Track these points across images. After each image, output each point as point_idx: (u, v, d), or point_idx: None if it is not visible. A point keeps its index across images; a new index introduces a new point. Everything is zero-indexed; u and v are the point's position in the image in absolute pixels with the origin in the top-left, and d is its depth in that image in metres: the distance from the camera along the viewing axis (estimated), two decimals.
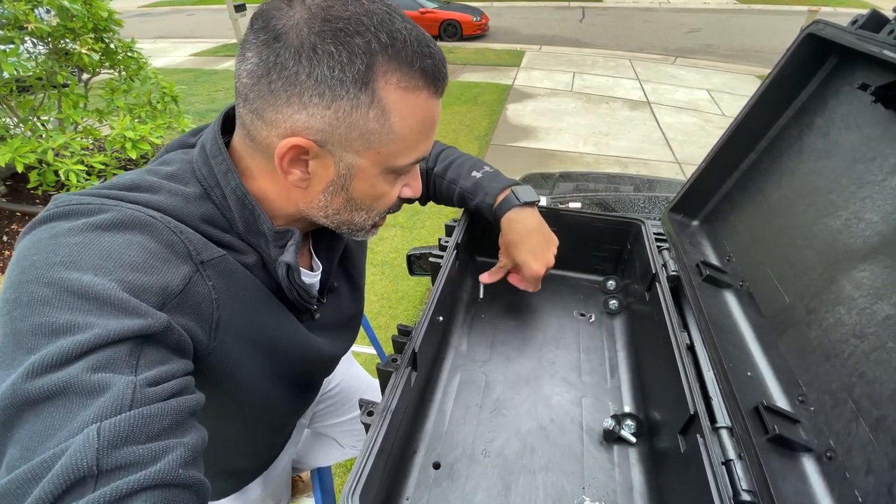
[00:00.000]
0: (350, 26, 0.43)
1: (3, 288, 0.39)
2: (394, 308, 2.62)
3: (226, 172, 0.51)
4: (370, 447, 0.51)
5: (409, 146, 0.51)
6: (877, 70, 0.65)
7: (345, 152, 0.48)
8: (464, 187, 0.85)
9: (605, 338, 0.92)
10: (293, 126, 0.46)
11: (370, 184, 0.52)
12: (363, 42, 0.43)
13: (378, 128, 0.47)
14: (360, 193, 0.53)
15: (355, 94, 0.45)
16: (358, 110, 0.46)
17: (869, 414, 0.51)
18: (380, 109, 0.46)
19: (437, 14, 9.80)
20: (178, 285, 0.44)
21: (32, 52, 2.91)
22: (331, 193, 0.52)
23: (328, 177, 0.50)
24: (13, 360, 0.35)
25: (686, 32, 10.50)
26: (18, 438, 0.33)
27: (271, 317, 0.57)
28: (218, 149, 0.52)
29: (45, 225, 0.43)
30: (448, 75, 0.52)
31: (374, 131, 0.47)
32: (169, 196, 0.49)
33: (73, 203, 0.44)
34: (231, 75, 7.39)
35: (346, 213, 0.55)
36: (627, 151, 4.79)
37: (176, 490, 0.34)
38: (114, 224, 0.43)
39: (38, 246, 0.40)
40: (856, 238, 0.63)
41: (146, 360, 0.38)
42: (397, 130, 0.48)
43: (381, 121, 0.47)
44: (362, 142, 0.48)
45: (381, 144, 0.49)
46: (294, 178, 0.50)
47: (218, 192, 0.51)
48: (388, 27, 0.44)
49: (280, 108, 0.45)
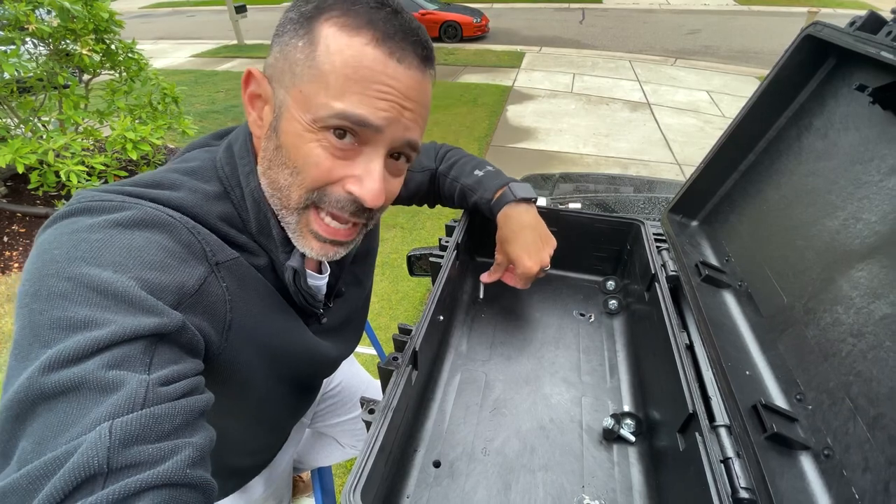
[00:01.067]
0: None
1: (23, 280, 0.39)
2: (394, 309, 2.63)
3: (248, 174, 0.52)
4: (371, 445, 0.52)
5: (330, 88, 0.45)
6: (875, 71, 0.65)
7: (279, 88, 0.49)
8: (465, 184, 0.85)
9: (604, 338, 0.92)
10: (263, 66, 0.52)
11: (295, 131, 0.48)
12: None
13: (302, 58, 0.46)
14: (286, 140, 0.48)
15: (296, 30, 0.47)
16: (293, 41, 0.47)
17: (866, 412, 0.52)
18: (308, 40, 0.46)
19: (437, 15, 9.82)
20: (194, 285, 0.44)
21: (33, 53, 2.91)
22: (268, 138, 0.51)
23: (269, 118, 0.51)
24: (29, 352, 0.35)
25: (686, 34, 10.52)
26: (31, 432, 0.33)
27: (280, 320, 0.58)
28: (246, 150, 0.53)
29: (66, 220, 0.43)
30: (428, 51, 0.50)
31: (298, 61, 0.47)
32: (189, 193, 0.49)
33: (94, 199, 0.44)
34: (232, 76, 7.40)
35: (275, 166, 0.50)
36: (627, 152, 4.80)
37: (183, 490, 0.34)
38: (134, 222, 0.43)
39: (59, 241, 0.41)
40: (854, 238, 0.63)
41: (160, 358, 0.38)
42: (318, 65, 0.45)
43: (306, 51, 0.46)
44: (290, 75, 0.47)
45: (302, 80, 0.46)
46: (252, 120, 0.53)
47: (237, 192, 0.52)
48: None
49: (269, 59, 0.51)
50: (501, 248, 0.84)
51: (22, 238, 3.12)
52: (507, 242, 0.82)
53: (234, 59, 8.55)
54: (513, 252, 0.81)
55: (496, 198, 0.83)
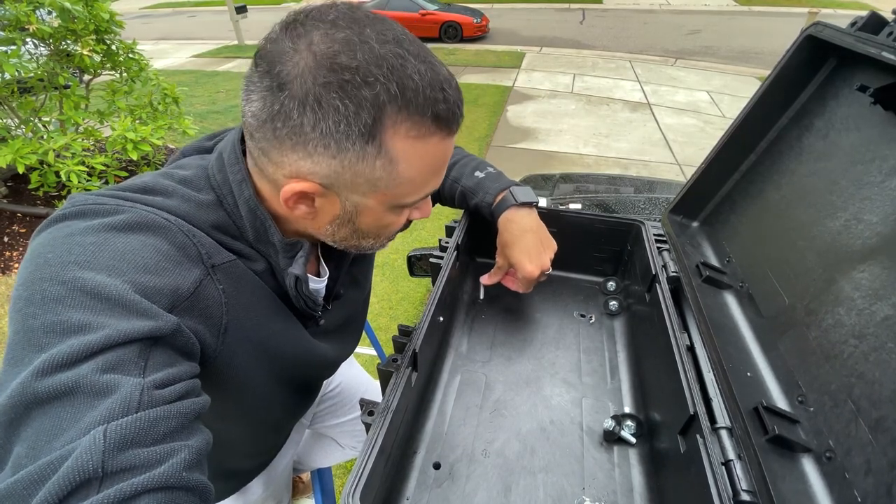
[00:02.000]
0: (357, 77, 0.40)
1: (17, 284, 0.39)
2: (394, 309, 2.62)
3: (240, 182, 0.51)
4: (371, 447, 0.51)
5: (418, 187, 0.51)
6: (876, 72, 0.65)
7: (351, 193, 0.48)
8: (465, 186, 0.85)
9: (605, 339, 0.92)
10: (298, 170, 0.45)
11: (376, 218, 0.53)
12: (371, 94, 0.41)
13: (385, 175, 0.47)
14: (367, 226, 0.53)
15: (362, 147, 0.43)
16: (364, 161, 0.45)
17: (868, 414, 0.52)
18: (387, 160, 0.45)
19: (438, 16, 9.82)
20: (189, 288, 0.44)
21: (34, 54, 2.91)
22: (337, 225, 0.53)
23: (334, 211, 0.51)
24: (23, 357, 0.35)
25: (686, 34, 10.52)
26: (26, 437, 0.33)
27: (278, 323, 0.57)
28: (235, 158, 0.52)
29: (60, 223, 0.43)
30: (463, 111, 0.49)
31: (380, 178, 0.47)
32: (181, 202, 0.49)
33: (89, 203, 0.44)
34: (232, 76, 7.40)
35: (353, 240, 0.56)
36: (628, 153, 4.79)
37: (179, 493, 0.34)
38: (128, 225, 0.43)
39: (53, 244, 0.41)
40: (855, 239, 0.63)
41: (154, 361, 0.38)
42: (404, 175, 0.47)
43: (388, 169, 0.46)
44: (369, 186, 0.48)
45: (388, 189, 0.48)
46: (300, 213, 0.50)
47: (231, 200, 0.51)
48: (399, 75, 0.42)
49: (285, 152, 0.45)
50: (502, 252, 0.84)
51: (22, 238, 3.12)
52: (508, 246, 0.82)
53: (235, 60, 8.55)
54: (514, 256, 0.81)
55: (497, 201, 0.83)
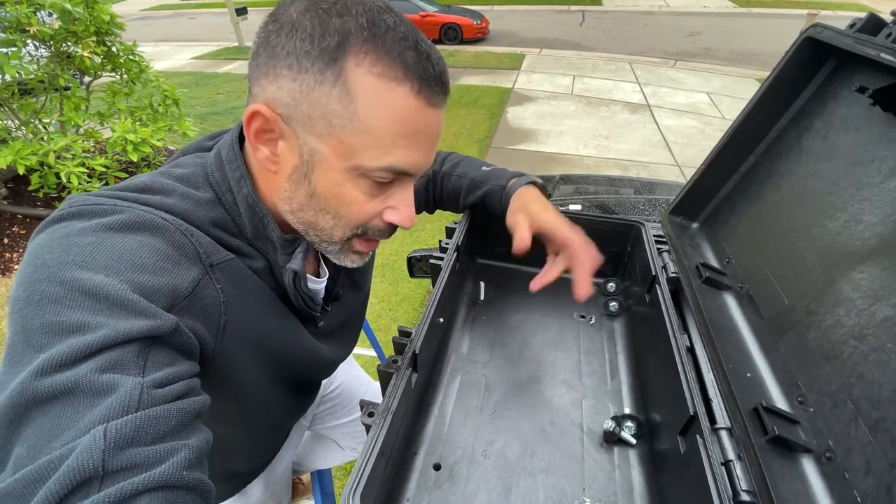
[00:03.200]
0: (334, 8, 0.43)
1: (15, 285, 0.39)
2: (394, 310, 2.62)
3: (239, 179, 0.51)
4: (371, 448, 0.52)
5: (379, 144, 0.46)
6: (875, 73, 0.65)
7: (307, 134, 0.46)
8: (474, 177, 0.85)
9: (605, 340, 0.92)
10: (266, 98, 0.46)
11: (334, 180, 0.48)
12: (340, 21, 0.43)
13: (340, 110, 0.44)
14: (323, 189, 0.49)
15: (321, 69, 0.43)
16: (321, 86, 0.44)
17: (868, 415, 0.52)
18: (344, 89, 0.44)
19: (438, 17, 9.83)
20: (187, 287, 0.44)
21: (34, 55, 2.92)
22: (294, 182, 0.49)
23: (293, 161, 0.48)
24: (23, 357, 0.35)
25: (686, 36, 10.53)
26: (26, 437, 0.33)
27: (276, 321, 0.57)
28: (234, 155, 0.52)
29: (58, 224, 0.43)
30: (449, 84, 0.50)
31: (335, 113, 0.44)
32: (180, 199, 0.49)
33: (87, 203, 0.44)
34: (233, 78, 7.41)
35: (309, 210, 0.51)
36: (627, 154, 4.80)
37: (180, 492, 0.34)
38: (126, 225, 0.43)
39: (51, 245, 0.41)
40: (854, 240, 0.63)
41: (154, 361, 0.38)
42: (363, 119, 0.45)
43: (343, 102, 0.44)
44: (324, 124, 0.45)
45: (343, 132, 0.45)
46: (262, 156, 0.49)
47: (229, 197, 0.52)
48: (374, 15, 0.44)
49: (259, 80, 0.46)
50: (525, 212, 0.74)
51: (22, 240, 3.13)
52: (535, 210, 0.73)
53: (235, 61, 8.56)
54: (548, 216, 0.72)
55: (511, 183, 0.82)
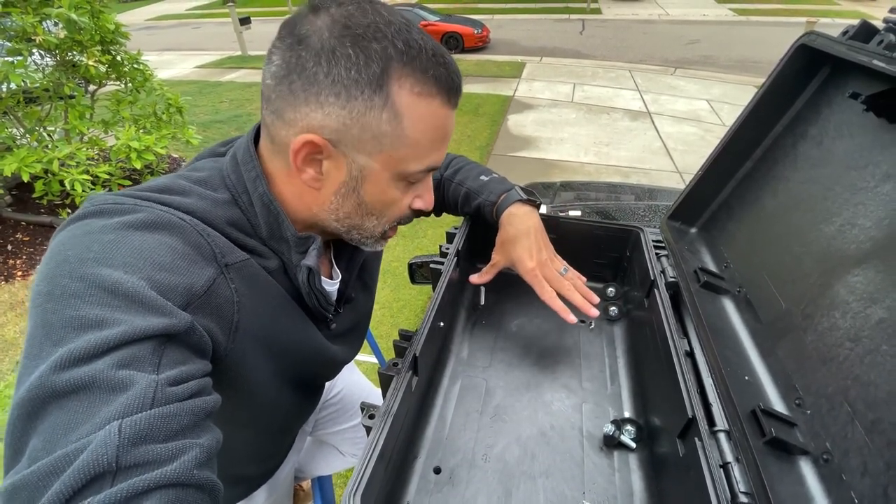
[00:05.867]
0: (369, 32, 0.45)
1: (37, 281, 0.40)
2: (395, 317, 2.63)
3: (255, 179, 0.53)
4: (371, 450, 0.52)
5: (421, 153, 0.52)
6: (868, 79, 0.66)
7: (357, 154, 0.50)
8: (470, 187, 0.87)
9: (604, 344, 0.92)
10: (309, 124, 0.48)
11: (381, 189, 0.53)
12: (380, 47, 0.45)
13: (390, 130, 0.48)
14: (371, 197, 0.54)
15: (370, 96, 0.46)
16: (372, 112, 0.47)
17: (864, 417, 0.52)
18: (392, 112, 0.48)
19: (439, 27, 9.93)
20: (203, 286, 0.45)
21: (40, 64, 2.96)
22: (342, 196, 0.53)
23: (340, 178, 0.52)
24: (41, 350, 0.36)
25: (685, 44, 10.60)
26: (42, 430, 0.33)
27: (289, 321, 0.58)
28: (249, 156, 0.54)
29: (80, 222, 0.44)
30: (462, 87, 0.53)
31: (386, 134, 0.49)
32: (198, 199, 0.50)
33: (108, 202, 0.46)
34: (236, 86, 7.48)
35: (356, 217, 0.56)
36: (628, 161, 4.82)
37: (190, 490, 0.35)
38: (145, 224, 0.44)
39: (73, 242, 0.42)
40: (850, 243, 0.64)
41: (168, 359, 0.39)
42: (409, 135, 0.49)
43: (393, 124, 0.48)
44: (374, 144, 0.49)
45: (393, 148, 0.50)
46: (307, 177, 0.51)
47: (245, 197, 0.53)
48: (405, 36, 0.47)
49: (298, 107, 0.47)
50: (502, 248, 0.84)
51: (26, 247, 3.14)
52: (510, 242, 0.82)
53: (239, 70, 8.64)
54: (514, 252, 0.81)
55: (500, 200, 0.84)
